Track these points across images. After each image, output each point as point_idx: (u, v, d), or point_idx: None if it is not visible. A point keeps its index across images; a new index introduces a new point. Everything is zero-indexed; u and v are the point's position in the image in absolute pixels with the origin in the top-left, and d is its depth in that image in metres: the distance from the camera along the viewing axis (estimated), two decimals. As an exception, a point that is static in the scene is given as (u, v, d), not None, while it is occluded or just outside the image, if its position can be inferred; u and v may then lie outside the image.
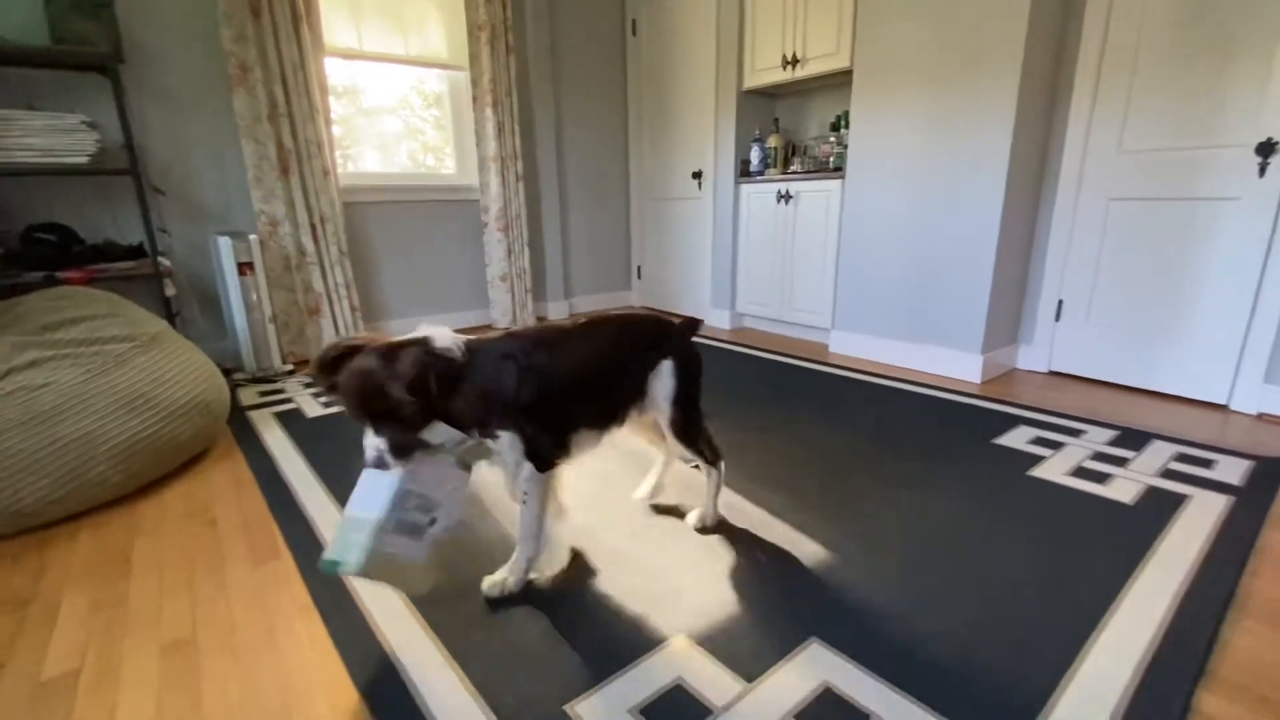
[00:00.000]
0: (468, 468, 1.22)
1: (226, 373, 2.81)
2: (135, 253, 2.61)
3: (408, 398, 1.05)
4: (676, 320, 1.48)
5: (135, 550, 1.49)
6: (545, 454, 1.24)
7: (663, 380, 1.39)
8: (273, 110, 2.87)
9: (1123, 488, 1.69)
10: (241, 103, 2.79)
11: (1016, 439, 2.03)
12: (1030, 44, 2.32)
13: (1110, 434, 2.06)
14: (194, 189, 2.91)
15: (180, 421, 1.83)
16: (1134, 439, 2.02)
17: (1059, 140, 2.57)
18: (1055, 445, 1.98)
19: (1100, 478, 1.75)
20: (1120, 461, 1.85)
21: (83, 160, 2.37)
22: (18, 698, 1.05)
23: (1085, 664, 1.06)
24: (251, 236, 2.70)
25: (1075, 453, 1.92)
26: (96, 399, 1.68)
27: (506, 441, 1.19)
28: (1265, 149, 2.07)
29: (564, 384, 1.24)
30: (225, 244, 2.64)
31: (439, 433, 1.14)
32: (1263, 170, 2.10)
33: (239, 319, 2.73)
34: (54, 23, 2.35)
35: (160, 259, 2.65)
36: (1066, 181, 2.57)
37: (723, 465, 1.52)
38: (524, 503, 1.26)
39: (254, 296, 2.72)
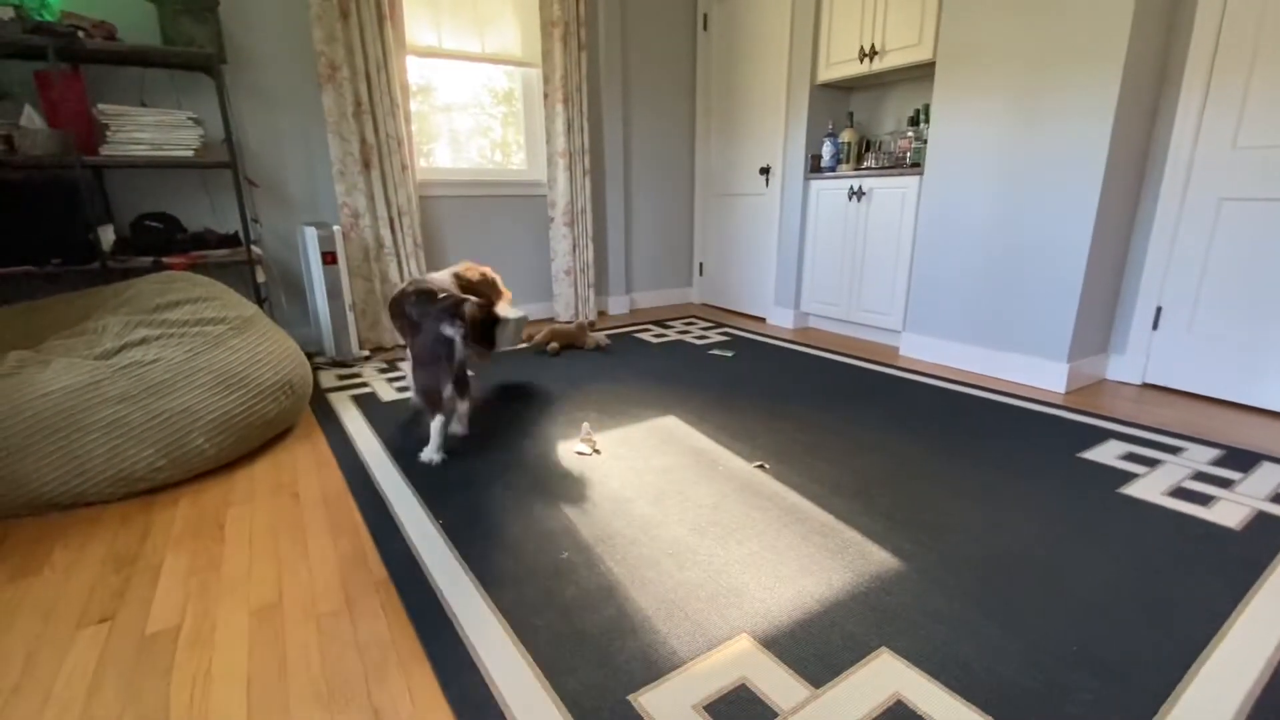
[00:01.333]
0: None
1: (309, 357, 2.98)
2: (231, 241, 2.78)
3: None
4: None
5: (228, 518, 1.59)
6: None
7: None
8: (357, 107, 3.00)
9: (1228, 511, 1.56)
10: (329, 100, 2.93)
11: (1105, 454, 1.91)
12: (1136, 31, 2.16)
13: (1213, 453, 1.90)
14: (283, 182, 3.08)
15: (268, 400, 1.95)
16: (1241, 459, 1.86)
17: (1164, 134, 2.39)
18: (1150, 462, 1.84)
19: (1202, 499, 1.62)
20: (1225, 483, 1.71)
21: (188, 154, 2.54)
22: (126, 648, 1.14)
23: (1181, 699, 0.99)
24: (335, 227, 2.84)
25: (1173, 471, 1.78)
26: (197, 376, 1.81)
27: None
28: None
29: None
30: (311, 234, 2.79)
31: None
32: (1407, 168, 1.89)
33: (321, 306, 2.88)
34: (165, 25, 2.53)
35: (253, 247, 2.82)
36: (1172, 179, 2.38)
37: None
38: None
39: (336, 284, 2.86)
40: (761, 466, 1.84)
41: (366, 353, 3.09)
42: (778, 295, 3.87)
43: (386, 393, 2.54)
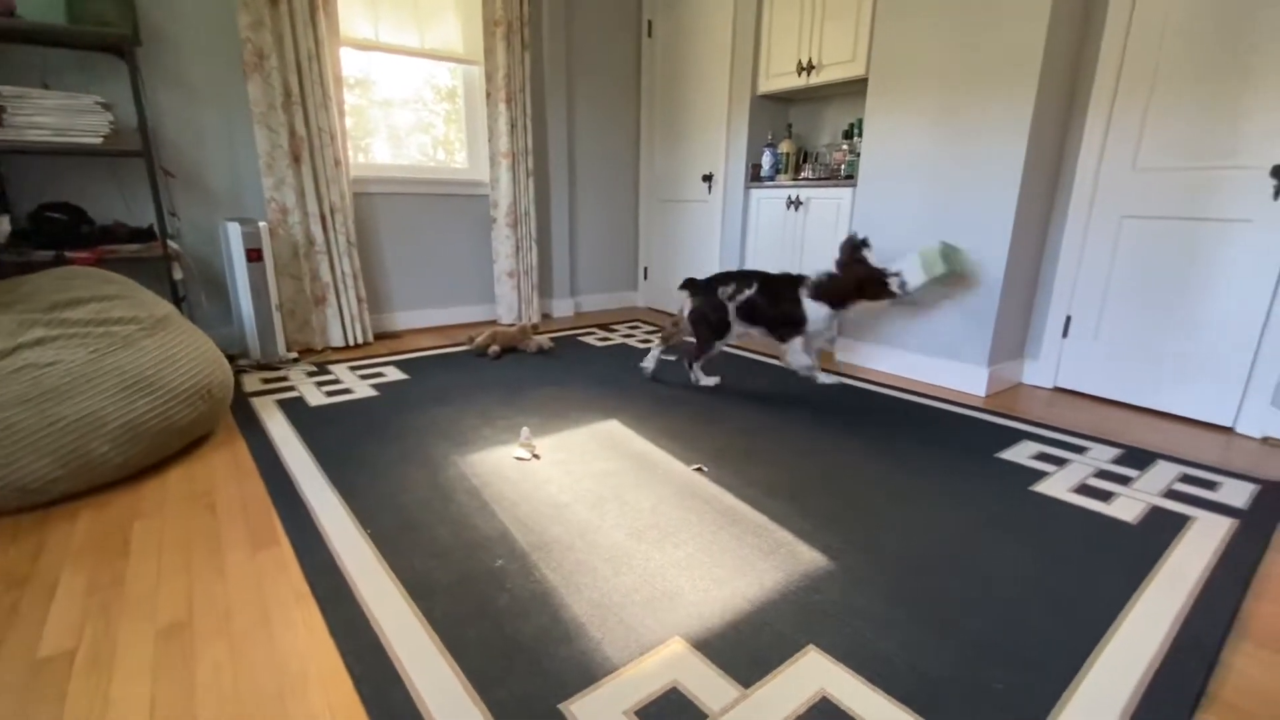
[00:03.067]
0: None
1: (231, 359, 2.82)
2: (144, 235, 2.61)
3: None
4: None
5: (134, 532, 1.49)
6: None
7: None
8: (287, 98, 2.87)
9: (1126, 506, 1.68)
10: (256, 89, 2.80)
11: (1020, 454, 2.02)
12: (1048, 57, 2.31)
13: (1115, 452, 2.05)
14: (205, 174, 2.92)
15: (183, 405, 1.83)
16: (1138, 458, 2.00)
17: (1073, 155, 2.56)
18: (1059, 461, 1.97)
19: (1104, 496, 1.74)
20: (1124, 480, 1.84)
21: (95, 141, 2.37)
22: (13, 675, 1.05)
23: (1085, 683, 1.05)
24: (261, 223, 2.71)
25: (1079, 470, 1.91)
26: (102, 379, 1.68)
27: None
28: (1280, 172, 2.06)
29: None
30: (234, 230, 2.65)
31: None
32: (1277, 193, 2.09)
33: (245, 305, 2.73)
34: (73, 3, 2.36)
35: (169, 242, 2.65)
36: (1080, 197, 2.56)
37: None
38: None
39: (262, 283, 2.72)
40: (700, 469, 1.86)
41: (294, 355, 2.96)
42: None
43: (315, 397, 2.44)
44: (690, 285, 2.71)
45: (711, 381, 2.70)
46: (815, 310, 2.49)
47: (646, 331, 3.78)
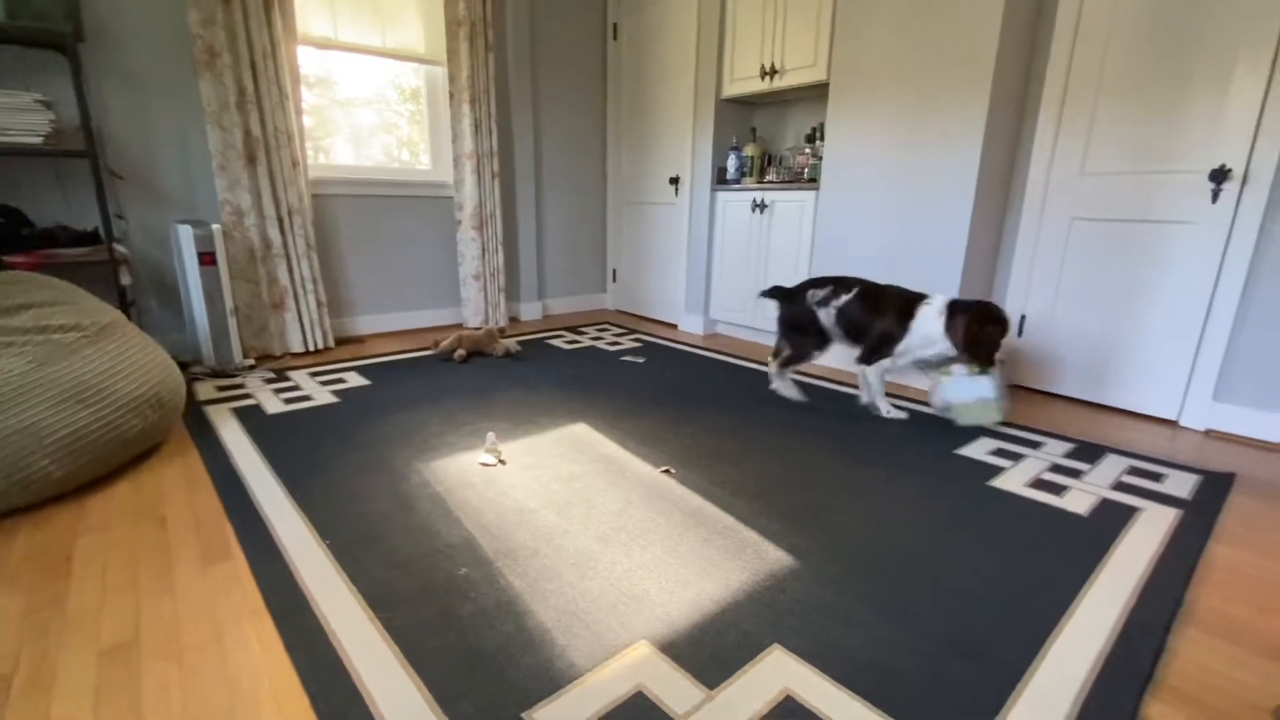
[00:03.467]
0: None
1: (184, 366, 2.73)
2: (89, 238, 2.51)
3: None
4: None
5: (77, 549, 1.42)
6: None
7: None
8: (241, 97, 2.79)
9: (1078, 499, 1.73)
10: (208, 88, 2.71)
11: (978, 450, 2.07)
12: (1000, 65, 2.38)
13: (1067, 447, 2.11)
14: (155, 175, 2.81)
15: (130, 415, 1.76)
16: (1089, 452, 2.07)
17: (1025, 160, 2.65)
18: (1015, 457, 2.02)
19: (1057, 489, 1.80)
20: (1076, 474, 1.90)
21: (36, 140, 2.27)
22: (-60, 704, 0.99)
23: (1039, 672, 1.08)
24: (215, 225, 2.62)
25: (1034, 464, 1.97)
26: (41, 389, 1.61)
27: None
28: (1218, 175, 2.16)
29: None
30: (186, 232, 2.56)
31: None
32: (1215, 196, 2.19)
33: (199, 311, 2.64)
34: (9, -4, 2.25)
35: (116, 246, 2.55)
36: (1032, 200, 2.64)
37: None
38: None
39: (215, 288, 2.63)
40: (667, 471, 1.86)
41: (251, 361, 2.87)
42: (688, 302, 3.95)
43: (273, 404, 2.37)
44: (774, 293, 2.56)
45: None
46: (928, 332, 2.20)
47: (616, 334, 3.78)
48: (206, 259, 2.59)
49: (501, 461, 1.91)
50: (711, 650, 1.12)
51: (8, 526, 1.51)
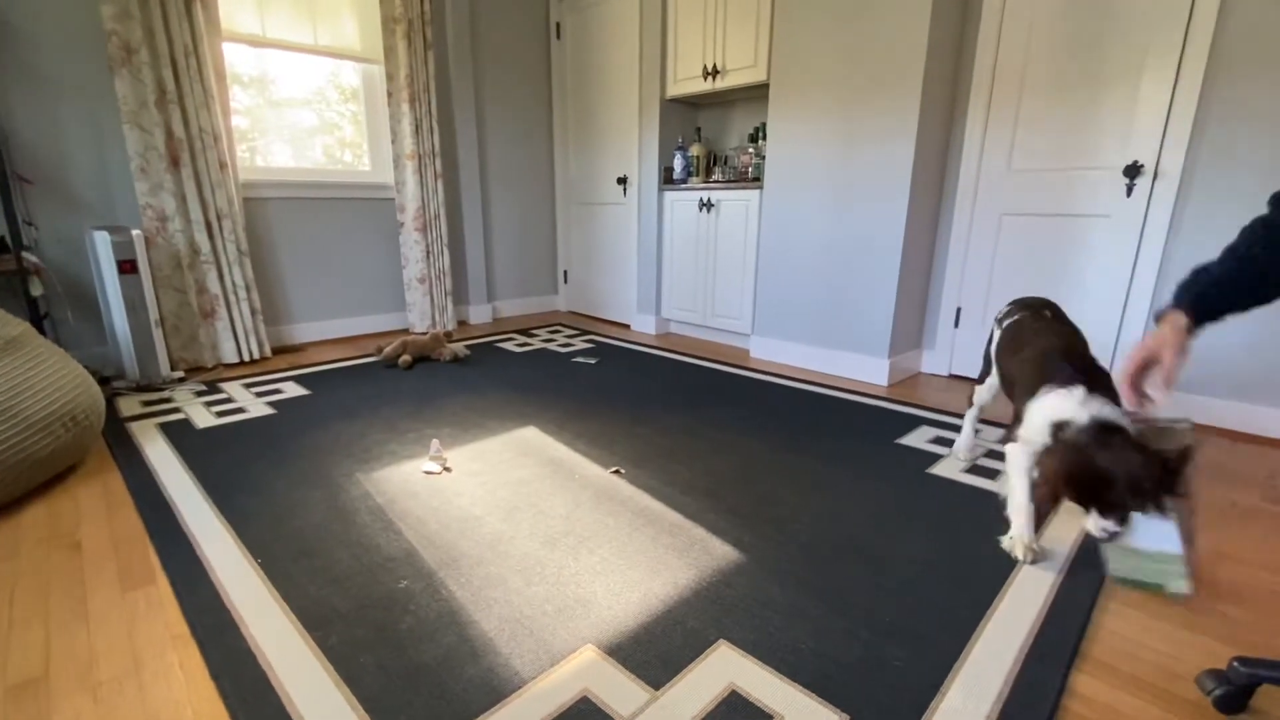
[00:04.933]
0: None
1: (105, 381, 2.57)
2: (-6, 247, 2.34)
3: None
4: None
5: (-21, 581, 1.32)
6: None
7: None
8: (161, 96, 2.65)
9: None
10: (124, 86, 2.56)
11: (918, 439, 2.14)
12: (930, 67, 2.46)
13: (1001, 432, 2.20)
14: (68, 179, 2.64)
15: (40, 435, 1.65)
16: (1022, 437, 2.16)
17: (956, 157, 2.74)
18: (952, 444, 2.09)
19: (992, 474, 1.86)
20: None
21: (-73, 142, 2.10)
22: None
23: (973, 652, 1.12)
24: (135, 232, 2.48)
25: (971, 451, 2.03)
26: (-65, 411, 1.48)
27: None
28: (1132, 171, 2.28)
29: None
30: (103, 239, 2.41)
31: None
32: (1129, 190, 2.31)
33: (120, 322, 2.49)
34: (-108, -14, 2.08)
35: (26, 255, 2.39)
36: (963, 196, 2.74)
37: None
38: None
39: (137, 297, 2.49)
40: (617, 472, 1.86)
41: (180, 374, 2.73)
42: (640, 302, 3.95)
43: (203, 418, 2.26)
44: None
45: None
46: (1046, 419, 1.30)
47: (568, 335, 3.75)
48: (127, 267, 2.45)
49: (446, 469, 1.86)
50: (658, 650, 1.11)
51: (-101, 560, 1.39)
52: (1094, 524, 1.18)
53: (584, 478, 1.81)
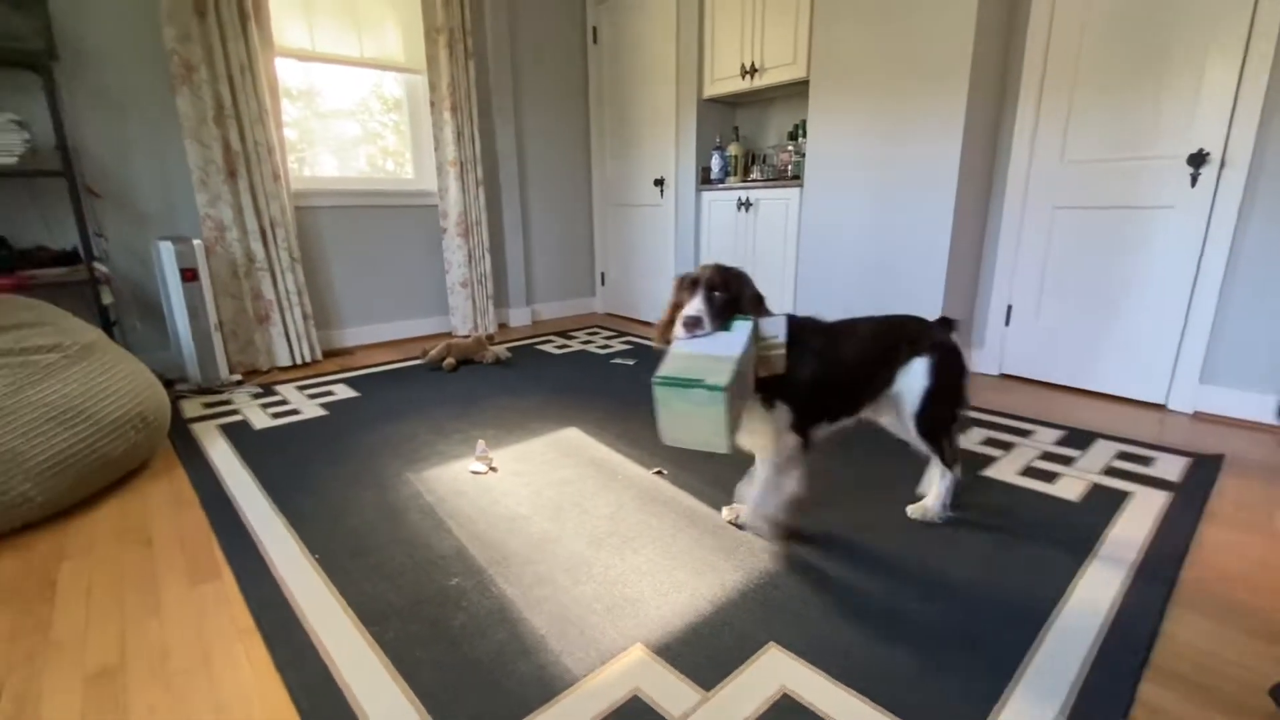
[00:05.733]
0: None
1: (169, 384, 2.69)
2: (68, 258, 2.48)
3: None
4: (931, 320, 1.54)
5: (61, 573, 1.40)
6: (801, 431, 1.40)
7: (913, 376, 1.46)
8: (219, 111, 2.77)
9: (1069, 486, 1.74)
10: (185, 103, 2.69)
11: (970, 440, 2.08)
12: (977, 58, 2.40)
13: (1057, 434, 2.12)
14: (134, 192, 2.79)
15: (114, 436, 1.74)
16: (1080, 438, 2.08)
17: (1006, 150, 2.66)
18: (1006, 446, 2.03)
19: (1049, 476, 1.80)
20: (1067, 460, 1.91)
21: (10, 161, 2.25)
22: (-79, 738, 0.97)
23: (1036, 659, 1.08)
24: (196, 241, 2.60)
25: (1025, 452, 1.97)
26: (21, 413, 1.58)
27: (780, 411, 1.36)
28: (1196, 160, 2.18)
29: (835, 372, 1.40)
30: (167, 249, 2.53)
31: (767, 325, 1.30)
32: (1194, 180, 2.20)
33: (182, 328, 2.61)
34: (-21, 16, 2.22)
35: (96, 265, 2.52)
36: (1014, 190, 2.65)
37: (958, 470, 1.57)
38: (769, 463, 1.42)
39: (199, 304, 2.61)
40: (660, 472, 1.86)
41: (238, 377, 2.84)
42: (677, 303, 3.93)
43: (260, 419, 2.35)
44: None
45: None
46: None
47: (606, 337, 3.77)
48: (189, 275, 2.56)
49: (492, 469, 1.89)
50: (707, 651, 1.11)
51: (-10, 553, 1.49)
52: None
53: (626, 478, 1.82)
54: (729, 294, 1.31)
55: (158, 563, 1.43)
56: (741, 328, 1.27)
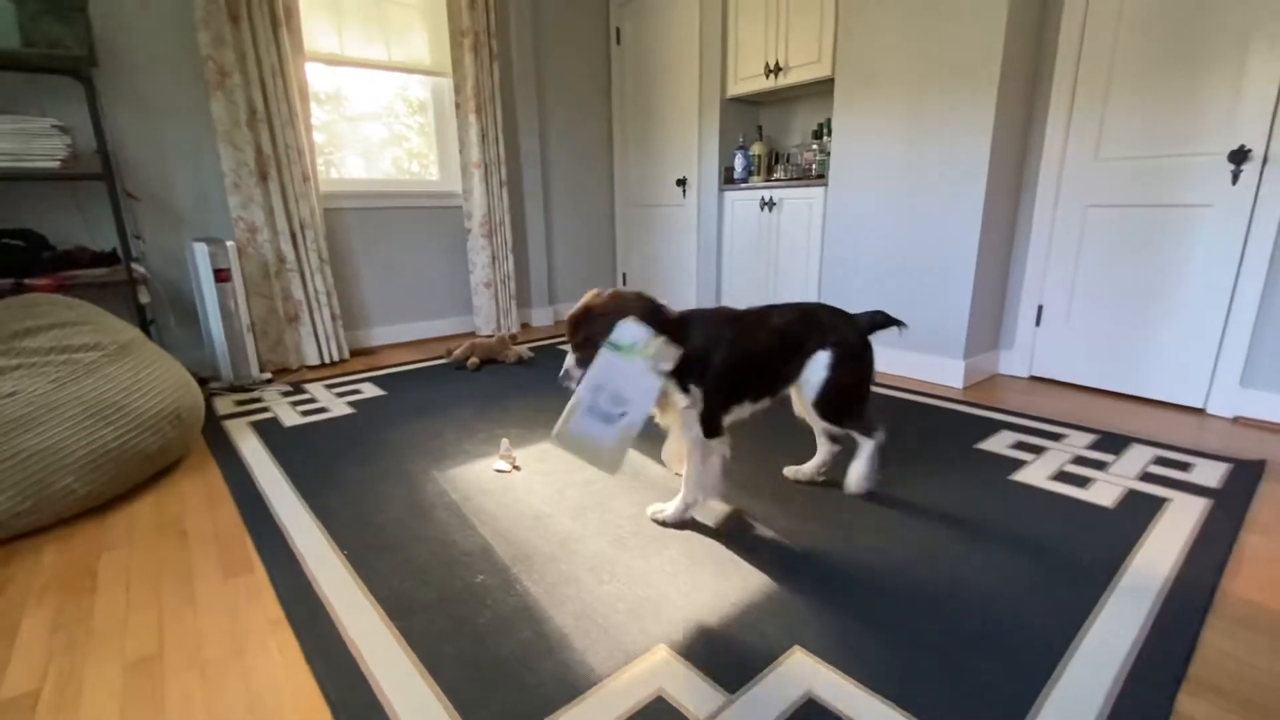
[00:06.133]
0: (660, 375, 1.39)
1: (203, 382, 2.76)
2: (108, 259, 2.55)
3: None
4: (852, 313, 1.63)
5: (102, 564, 1.44)
6: (714, 420, 1.50)
7: (814, 368, 1.56)
8: (251, 115, 2.83)
9: (1103, 491, 1.70)
10: (219, 107, 2.75)
11: (998, 444, 2.04)
12: (1008, 53, 2.35)
13: (1090, 438, 2.07)
14: (170, 195, 2.86)
15: (150, 432, 1.79)
16: (1113, 443, 2.03)
17: (1037, 147, 2.61)
18: (1037, 450, 1.98)
19: (1081, 481, 1.76)
20: (1100, 465, 1.86)
21: (53, 165, 2.32)
22: (-29, 720, 1.01)
23: (1069, 669, 1.06)
24: (229, 243, 2.66)
25: (1056, 457, 1.93)
26: (64, 409, 1.63)
27: (694, 395, 1.46)
28: (1237, 156, 2.11)
29: (747, 359, 1.50)
30: (201, 250, 2.60)
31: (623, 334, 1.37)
32: (1235, 178, 2.14)
33: (216, 327, 2.68)
34: (25, 25, 2.30)
35: (134, 266, 2.60)
36: (1045, 188, 2.60)
37: (880, 435, 1.66)
38: (691, 455, 1.52)
39: (231, 304, 2.67)
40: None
41: (268, 375, 2.90)
42: (699, 303, 3.93)
43: (290, 417, 2.39)
44: None
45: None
46: None
47: (627, 337, 3.77)
48: (222, 276, 2.62)
49: (516, 468, 1.91)
50: (731, 653, 1.10)
51: (34, 544, 1.54)
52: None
53: (649, 479, 1.82)
54: (590, 332, 1.43)
55: (193, 555, 1.47)
56: (603, 353, 1.38)
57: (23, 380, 1.63)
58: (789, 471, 1.82)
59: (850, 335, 1.57)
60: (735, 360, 1.48)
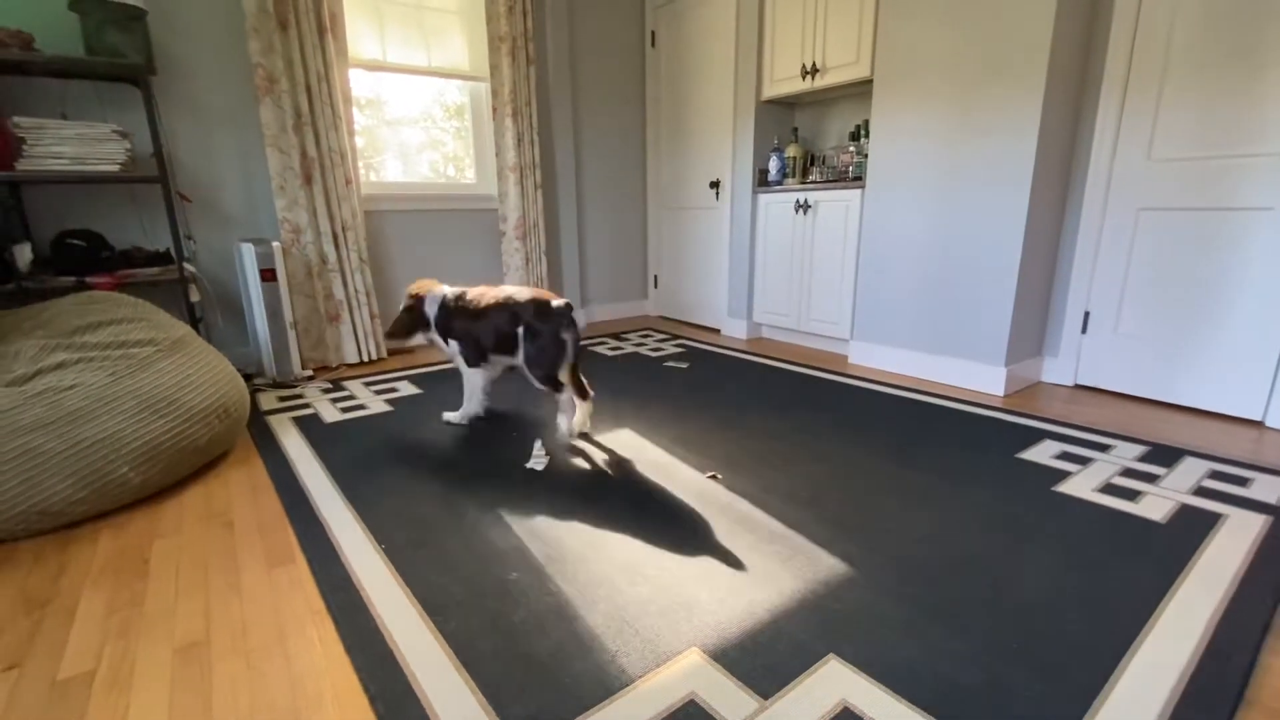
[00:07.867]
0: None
1: (247, 378, 2.86)
2: (161, 259, 2.66)
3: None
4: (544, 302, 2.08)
5: (154, 551, 1.50)
6: (471, 360, 2.25)
7: (518, 344, 2.11)
8: (298, 120, 2.92)
9: (1154, 505, 1.63)
10: (267, 113, 2.85)
11: (1041, 454, 1.98)
12: (1055, 50, 2.29)
13: (1140, 450, 2.00)
14: (219, 197, 2.97)
15: (200, 425, 1.85)
16: (1165, 455, 1.95)
17: (1085, 148, 2.53)
18: (1083, 461, 1.92)
19: (1130, 495, 1.70)
20: (1151, 478, 1.79)
21: (113, 168, 2.42)
22: (34, 697, 1.06)
23: (1117, 689, 1.02)
24: (274, 243, 2.75)
25: (1104, 469, 1.86)
26: (121, 401, 1.71)
27: (455, 347, 2.27)
28: (1302, 157, 2.01)
29: (471, 328, 2.20)
30: (249, 250, 2.69)
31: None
32: (1299, 179, 2.04)
33: (261, 325, 2.77)
34: (88, 35, 2.42)
35: (185, 265, 2.70)
36: (1093, 190, 2.52)
37: (589, 402, 2.17)
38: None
39: (276, 303, 2.76)
40: (714, 477, 1.84)
41: (310, 373, 2.99)
42: (731, 306, 3.91)
43: (330, 413, 2.46)
44: None
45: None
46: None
47: (659, 339, 3.78)
48: (267, 275, 2.71)
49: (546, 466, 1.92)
50: (764, 659, 1.09)
51: (91, 531, 1.61)
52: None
53: (681, 481, 1.81)
54: (414, 303, 2.35)
55: (239, 544, 1.52)
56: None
57: (83, 373, 1.71)
58: (561, 435, 2.21)
59: (535, 321, 2.06)
60: (465, 328, 2.21)
